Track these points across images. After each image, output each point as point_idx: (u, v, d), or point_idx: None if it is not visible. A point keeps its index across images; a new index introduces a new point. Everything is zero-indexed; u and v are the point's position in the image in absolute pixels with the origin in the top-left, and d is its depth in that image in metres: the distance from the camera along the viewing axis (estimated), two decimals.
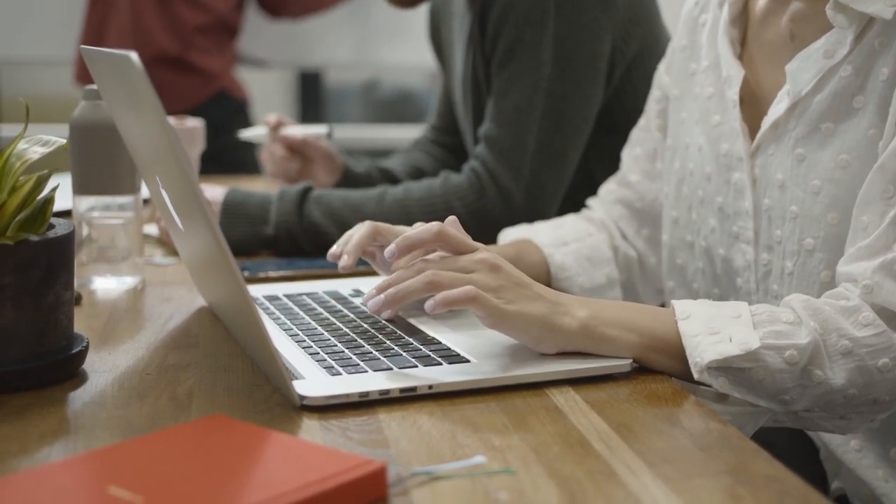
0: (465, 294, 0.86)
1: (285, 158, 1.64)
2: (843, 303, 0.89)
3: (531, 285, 0.90)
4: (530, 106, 1.39)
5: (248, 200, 1.37)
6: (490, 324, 0.88)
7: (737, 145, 1.08)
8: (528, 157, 1.40)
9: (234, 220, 1.35)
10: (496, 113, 1.42)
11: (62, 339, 0.87)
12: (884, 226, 0.90)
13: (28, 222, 0.85)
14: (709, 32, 1.15)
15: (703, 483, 0.68)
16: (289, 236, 1.35)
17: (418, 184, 1.42)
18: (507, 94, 1.41)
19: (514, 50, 1.40)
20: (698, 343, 0.87)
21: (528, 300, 0.89)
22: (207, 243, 0.82)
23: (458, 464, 0.70)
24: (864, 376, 0.87)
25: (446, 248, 0.92)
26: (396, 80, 4.79)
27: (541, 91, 1.39)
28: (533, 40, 1.39)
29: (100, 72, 0.97)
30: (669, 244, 1.20)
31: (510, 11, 1.40)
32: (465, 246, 0.92)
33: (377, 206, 1.38)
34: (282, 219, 1.35)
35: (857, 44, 0.97)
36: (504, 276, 0.90)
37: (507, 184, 1.39)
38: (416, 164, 1.71)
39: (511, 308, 0.88)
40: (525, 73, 1.40)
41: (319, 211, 1.36)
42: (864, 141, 0.96)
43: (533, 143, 1.39)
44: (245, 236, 1.35)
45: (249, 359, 0.93)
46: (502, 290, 0.88)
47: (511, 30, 1.40)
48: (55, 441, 0.75)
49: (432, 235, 0.92)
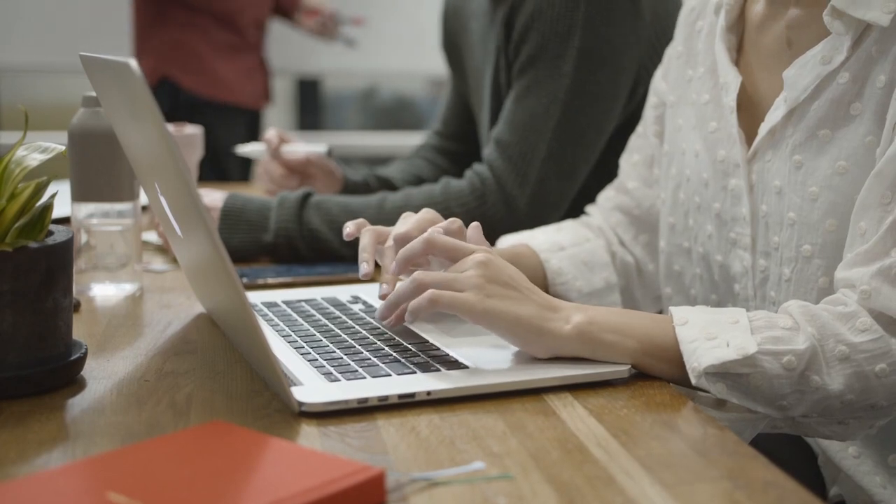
0: (423, 301, 0.88)
1: (283, 177, 1.62)
2: (841, 308, 0.90)
3: (523, 288, 0.91)
4: (546, 114, 1.39)
5: (247, 206, 1.36)
6: (470, 319, 0.89)
7: (734, 152, 1.08)
8: (538, 165, 1.39)
9: (233, 226, 1.35)
10: (510, 117, 1.41)
11: (61, 346, 0.87)
12: (881, 231, 0.90)
13: (27, 229, 0.85)
14: (705, 39, 1.16)
15: (702, 488, 0.68)
16: (288, 243, 1.35)
17: (418, 189, 1.42)
18: (524, 99, 1.41)
19: (537, 57, 1.40)
20: (696, 348, 0.87)
21: (513, 300, 0.89)
22: (206, 250, 0.83)
23: (456, 470, 0.70)
24: (861, 382, 0.87)
25: (438, 255, 0.93)
26: (395, 88, 4.80)
27: (559, 101, 1.39)
28: (557, 50, 1.39)
29: (98, 79, 0.97)
30: (667, 250, 1.20)
31: (538, 19, 1.39)
32: (457, 251, 0.93)
33: (377, 213, 1.38)
34: (281, 226, 1.35)
35: (855, 51, 0.97)
36: (494, 274, 0.90)
37: (513, 189, 1.39)
38: (417, 173, 1.70)
39: (489, 303, 0.88)
40: (545, 81, 1.39)
41: (319, 218, 1.35)
42: (861, 148, 0.96)
43: (544, 150, 1.39)
44: (244, 243, 1.35)
45: (248, 365, 0.93)
46: (488, 287, 0.89)
47: (536, 37, 1.40)
48: (54, 447, 0.75)
49: (422, 245, 0.93)
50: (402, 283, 0.92)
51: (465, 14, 1.61)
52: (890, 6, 0.94)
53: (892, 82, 0.94)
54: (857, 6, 0.95)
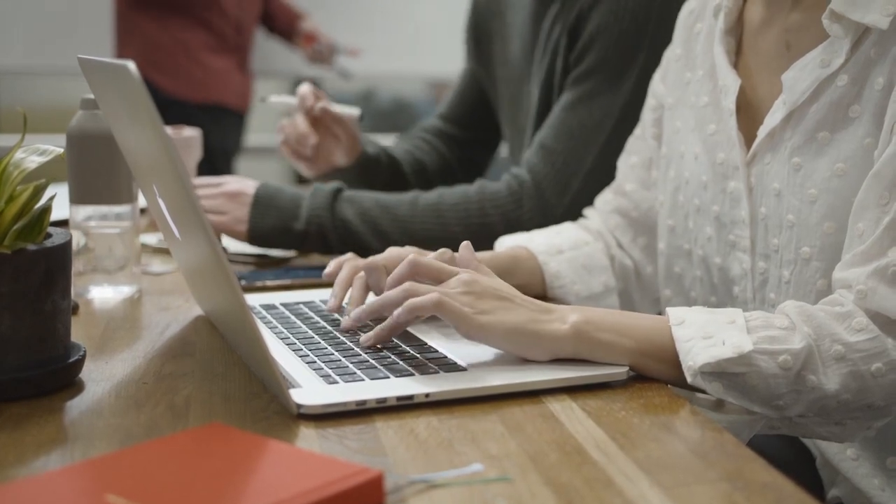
0: (430, 300, 0.89)
1: (304, 136, 1.53)
2: (838, 308, 0.90)
3: (514, 297, 0.91)
4: (598, 127, 1.37)
5: (279, 194, 1.36)
6: (464, 333, 0.89)
7: (733, 154, 1.08)
8: (581, 176, 1.37)
9: (265, 211, 1.34)
10: (560, 124, 1.40)
11: (59, 348, 0.87)
12: (878, 232, 0.91)
13: (25, 231, 0.85)
14: (704, 41, 1.16)
15: (700, 490, 0.69)
16: (319, 232, 1.34)
17: (451, 190, 1.40)
18: (577, 109, 1.39)
19: (597, 70, 1.39)
20: (691, 347, 0.87)
21: (505, 311, 0.90)
22: (204, 252, 0.83)
23: (455, 472, 0.70)
24: (857, 381, 0.88)
25: (423, 276, 0.95)
26: (393, 90, 4.79)
27: (612, 117, 1.37)
28: (619, 67, 1.38)
29: (97, 81, 0.97)
30: (666, 253, 1.20)
31: (604, 32, 1.38)
32: (442, 273, 0.95)
33: (410, 210, 1.36)
34: (313, 213, 1.34)
35: (853, 53, 0.97)
36: (481, 290, 0.91)
37: (552, 198, 1.37)
38: (420, 158, 1.67)
39: (484, 318, 0.89)
40: (602, 94, 1.38)
41: (352, 210, 1.35)
42: (860, 150, 0.96)
43: (589, 163, 1.37)
44: (275, 229, 1.34)
45: (246, 367, 0.93)
46: (478, 303, 0.90)
47: (600, 50, 1.38)
48: (52, 450, 0.75)
49: (408, 267, 0.95)
50: (390, 292, 0.93)
51: (503, 2, 1.58)
52: (889, 9, 0.94)
53: (891, 84, 0.94)
54: (855, 9, 0.95)
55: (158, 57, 3.12)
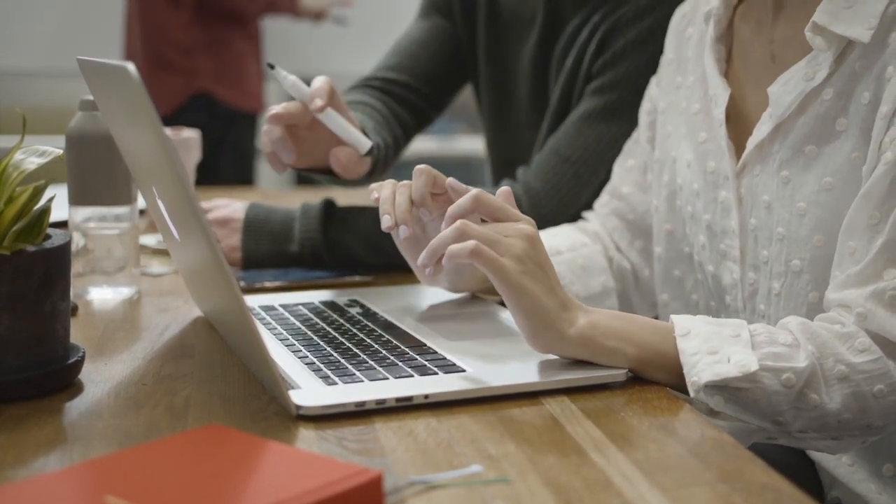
0: (465, 248, 0.86)
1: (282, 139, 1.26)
2: (839, 328, 0.90)
3: (553, 279, 0.89)
4: (615, 142, 1.35)
5: (271, 217, 1.34)
6: (497, 286, 0.87)
7: (723, 164, 1.08)
8: (593, 188, 1.36)
9: (258, 237, 1.33)
10: (577, 133, 1.38)
11: (59, 349, 0.87)
12: (872, 253, 0.90)
13: (24, 232, 0.85)
14: (695, 47, 1.16)
15: (699, 491, 0.69)
16: (313, 253, 1.33)
17: None
18: (596, 121, 1.37)
19: (622, 85, 1.37)
20: (696, 362, 0.87)
21: (544, 287, 0.88)
22: (204, 253, 0.83)
23: (454, 473, 0.70)
24: (859, 402, 0.88)
25: (485, 214, 0.92)
26: None
27: (629, 136, 1.34)
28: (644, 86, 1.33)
29: (96, 82, 0.97)
30: (665, 257, 1.20)
31: (636, 48, 1.36)
32: (503, 213, 0.91)
33: None
34: (306, 235, 1.33)
35: (838, 67, 0.97)
36: (534, 252, 0.88)
37: (559, 206, 1.36)
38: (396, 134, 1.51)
39: (524, 279, 0.87)
40: (622, 110, 1.36)
41: (344, 227, 1.33)
42: (847, 164, 0.96)
43: (602, 175, 1.35)
44: (269, 254, 1.34)
45: (245, 369, 0.93)
46: (527, 263, 0.87)
47: (628, 65, 1.36)
48: (51, 451, 0.75)
49: (471, 202, 0.92)
50: (445, 230, 0.90)
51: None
52: (871, 22, 0.94)
53: (877, 99, 0.94)
54: (838, 22, 0.95)
55: (222, 71, 3.14)
